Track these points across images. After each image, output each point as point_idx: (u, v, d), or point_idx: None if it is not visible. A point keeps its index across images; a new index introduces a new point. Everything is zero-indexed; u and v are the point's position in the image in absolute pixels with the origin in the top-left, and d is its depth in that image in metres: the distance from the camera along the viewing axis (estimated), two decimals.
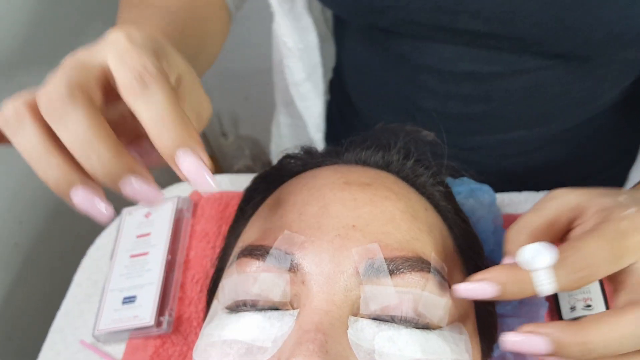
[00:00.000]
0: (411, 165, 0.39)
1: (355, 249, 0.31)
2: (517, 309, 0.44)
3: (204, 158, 0.27)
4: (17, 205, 0.76)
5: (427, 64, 0.51)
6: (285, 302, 0.31)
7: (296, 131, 0.69)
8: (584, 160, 0.58)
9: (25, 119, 0.27)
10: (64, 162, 0.27)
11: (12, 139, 0.28)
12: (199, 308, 0.55)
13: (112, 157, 0.26)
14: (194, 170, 0.26)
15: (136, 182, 0.27)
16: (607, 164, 0.60)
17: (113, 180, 0.27)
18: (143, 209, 0.62)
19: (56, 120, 0.26)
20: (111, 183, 0.27)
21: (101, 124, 0.26)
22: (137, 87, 0.26)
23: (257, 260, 0.32)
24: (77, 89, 0.26)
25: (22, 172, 0.77)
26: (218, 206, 0.61)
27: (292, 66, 0.61)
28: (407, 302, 0.30)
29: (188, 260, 0.58)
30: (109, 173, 0.26)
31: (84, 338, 0.56)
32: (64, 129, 0.26)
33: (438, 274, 0.31)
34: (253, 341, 0.30)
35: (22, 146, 0.27)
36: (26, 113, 0.27)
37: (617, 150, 0.59)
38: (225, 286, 0.33)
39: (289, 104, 0.66)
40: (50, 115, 0.26)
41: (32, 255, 0.79)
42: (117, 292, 0.56)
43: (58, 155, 0.27)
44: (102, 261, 0.61)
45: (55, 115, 0.26)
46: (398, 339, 0.29)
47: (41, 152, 0.27)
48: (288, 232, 0.32)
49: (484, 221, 0.48)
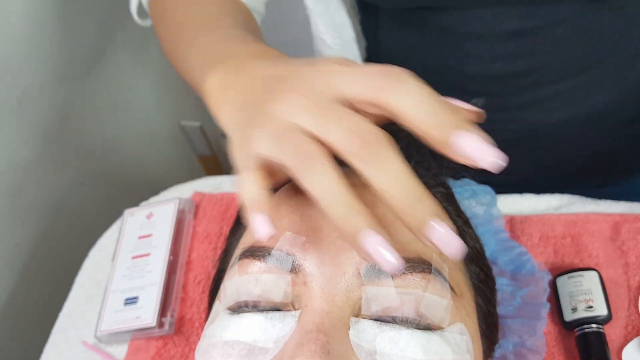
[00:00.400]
0: (412, 166, 0.39)
1: None
2: (518, 310, 0.44)
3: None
4: (18, 206, 0.76)
5: (471, 31, 0.53)
6: (286, 303, 0.31)
7: None
8: (627, 107, 0.58)
9: (320, 159, 0.26)
10: (360, 203, 0.26)
11: (303, 176, 0.26)
12: (200, 309, 0.55)
13: (425, 198, 0.25)
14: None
15: (439, 227, 0.25)
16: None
17: (419, 224, 0.25)
18: (144, 210, 0.62)
19: (370, 161, 0.25)
20: (417, 227, 0.25)
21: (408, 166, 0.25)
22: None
23: (259, 262, 0.32)
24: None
25: (23, 173, 0.77)
26: (219, 207, 0.61)
27: None
28: (408, 303, 0.30)
29: (190, 262, 0.58)
30: (417, 217, 0.25)
31: (87, 339, 0.56)
32: (380, 170, 0.25)
33: (439, 275, 0.32)
34: (255, 342, 0.30)
35: (317, 186, 0.26)
36: (320, 152, 0.26)
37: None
38: (227, 287, 0.33)
39: None
40: (363, 157, 0.25)
41: (34, 256, 0.79)
42: (119, 293, 0.56)
43: (355, 196, 0.26)
44: (104, 262, 0.61)
45: (371, 157, 0.25)
46: (399, 339, 0.29)
47: (339, 193, 0.26)
48: (289, 233, 0.32)
49: (485, 222, 0.48)
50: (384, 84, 0.26)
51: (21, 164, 0.77)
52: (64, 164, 0.84)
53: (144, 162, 1.05)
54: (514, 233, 0.54)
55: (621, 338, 0.47)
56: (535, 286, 0.45)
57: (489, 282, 0.39)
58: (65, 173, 0.85)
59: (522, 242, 0.53)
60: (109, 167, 0.95)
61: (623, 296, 0.49)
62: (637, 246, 0.51)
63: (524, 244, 0.53)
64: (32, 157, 0.78)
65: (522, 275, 0.46)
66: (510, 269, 0.47)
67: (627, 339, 0.47)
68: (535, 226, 0.54)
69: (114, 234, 0.63)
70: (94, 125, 0.91)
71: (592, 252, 0.51)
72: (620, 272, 0.50)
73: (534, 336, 0.43)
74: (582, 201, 0.56)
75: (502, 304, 0.45)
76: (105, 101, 0.93)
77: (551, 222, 0.54)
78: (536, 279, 0.45)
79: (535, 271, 0.45)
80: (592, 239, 0.52)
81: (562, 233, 0.53)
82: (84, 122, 0.89)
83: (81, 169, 0.88)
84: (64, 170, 0.84)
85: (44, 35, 0.79)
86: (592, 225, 0.53)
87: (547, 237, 0.53)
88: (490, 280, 0.39)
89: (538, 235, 0.53)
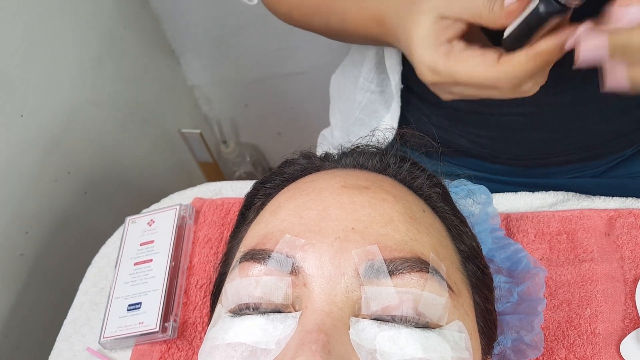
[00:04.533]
0: (408, 167, 0.40)
1: (355, 250, 0.31)
2: (516, 306, 0.45)
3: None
4: (22, 215, 0.77)
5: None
6: (287, 305, 0.31)
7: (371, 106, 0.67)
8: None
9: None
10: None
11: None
12: (203, 313, 0.55)
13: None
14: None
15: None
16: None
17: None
18: (146, 217, 0.62)
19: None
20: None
21: None
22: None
23: (259, 264, 0.32)
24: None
25: (26, 182, 0.78)
26: (220, 212, 0.62)
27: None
28: (407, 302, 0.31)
29: (191, 266, 0.59)
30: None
31: (91, 345, 0.57)
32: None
33: (437, 274, 0.32)
34: (256, 343, 0.30)
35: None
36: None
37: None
38: (228, 290, 0.34)
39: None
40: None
41: (38, 265, 0.80)
42: (122, 300, 0.56)
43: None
44: (107, 269, 0.62)
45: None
46: (399, 338, 0.30)
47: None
48: (289, 235, 0.32)
49: (482, 221, 0.48)
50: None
51: (24, 173, 0.77)
52: (66, 174, 0.85)
53: (145, 169, 1.06)
54: (510, 230, 0.55)
55: (619, 331, 0.48)
56: (532, 282, 0.45)
57: (487, 280, 0.39)
58: (68, 182, 0.85)
59: (518, 239, 0.54)
60: (111, 175, 0.95)
61: (619, 290, 0.50)
62: (632, 240, 0.52)
63: (520, 241, 0.54)
64: (35, 166, 0.79)
65: (519, 272, 0.46)
66: (506, 266, 0.47)
67: (624, 332, 0.48)
68: (531, 223, 0.54)
69: (116, 242, 0.64)
70: (96, 134, 0.92)
71: (588, 247, 0.52)
72: (616, 266, 0.51)
73: (531, 332, 0.44)
74: (576, 198, 0.56)
75: (499, 300, 0.45)
76: (107, 110, 0.94)
77: (546, 219, 0.54)
78: (532, 275, 0.46)
79: (531, 267, 0.46)
80: (587, 234, 0.53)
81: (558, 229, 0.54)
82: (86, 131, 0.89)
83: (84, 178, 0.89)
84: (66, 180, 0.85)
85: (46, 45, 0.79)
86: (586, 221, 0.53)
87: (543, 233, 0.54)
88: (487, 278, 0.40)
89: (534, 232, 0.54)
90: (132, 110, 1.01)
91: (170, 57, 1.11)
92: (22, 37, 0.75)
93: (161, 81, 1.09)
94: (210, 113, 1.25)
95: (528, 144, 0.58)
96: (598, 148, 0.58)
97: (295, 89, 1.15)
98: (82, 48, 0.87)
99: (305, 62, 1.08)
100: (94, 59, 0.90)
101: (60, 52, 0.82)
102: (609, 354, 0.47)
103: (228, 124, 1.28)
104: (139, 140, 1.03)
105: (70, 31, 0.84)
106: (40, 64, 0.79)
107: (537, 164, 0.60)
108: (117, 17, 0.94)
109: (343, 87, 0.69)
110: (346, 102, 0.68)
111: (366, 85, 0.64)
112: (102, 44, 0.91)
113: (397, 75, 0.59)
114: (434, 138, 0.43)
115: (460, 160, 0.62)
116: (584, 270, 0.51)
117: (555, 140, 0.57)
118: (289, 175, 0.41)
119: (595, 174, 0.61)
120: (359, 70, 0.64)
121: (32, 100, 0.78)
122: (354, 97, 0.66)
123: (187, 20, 1.06)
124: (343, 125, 0.69)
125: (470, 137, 0.60)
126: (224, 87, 1.19)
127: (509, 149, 0.59)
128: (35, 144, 0.79)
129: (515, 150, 0.59)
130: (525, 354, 0.44)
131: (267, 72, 1.13)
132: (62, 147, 0.84)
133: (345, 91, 0.68)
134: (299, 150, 0.44)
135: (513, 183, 0.61)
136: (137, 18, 1.00)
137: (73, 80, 0.86)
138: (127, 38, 0.97)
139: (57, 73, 0.82)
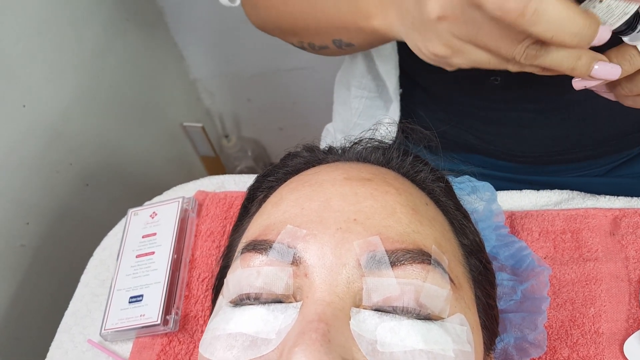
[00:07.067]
0: (411, 161, 0.40)
1: (356, 241, 0.31)
2: (519, 304, 0.45)
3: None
4: (23, 206, 0.77)
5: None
6: (288, 295, 0.31)
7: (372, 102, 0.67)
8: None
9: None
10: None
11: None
12: (205, 306, 0.55)
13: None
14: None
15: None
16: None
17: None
18: (148, 209, 0.62)
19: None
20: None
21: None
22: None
23: (261, 255, 0.32)
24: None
25: (27, 174, 0.78)
26: (222, 206, 0.62)
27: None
28: (408, 293, 0.30)
29: (193, 260, 0.59)
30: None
31: (92, 337, 0.56)
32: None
33: (439, 266, 0.32)
34: (257, 333, 0.30)
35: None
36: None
37: None
38: (230, 281, 0.34)
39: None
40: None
41: (39, 256, 0.80)
42: (123, 292, 0.56)
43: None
44: (108, 261, 0.62)
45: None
46: (400, 329, 0.30)
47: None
48: (290, 226, 0.32)
49: (486, 218, 0.48)
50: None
51: (26, 164, 0.77)
52: (68, 165, 0.85)
53: (147, 162, 1.06)
54: (514, 228, 0.54)
55: (622, 331, 0.47)
56: (536, 280, 0.45)
57: (489, 276, 0.39)
58: (69, 174, 0.85)
59: (523, 237, 0.53)
60: (112, 167, 0.95)
61: (624, 290, 0.49)
62: (637, 240, 0.51)
63: (524, 239, 0.53)
64: (36, 157, 0.79)
65: (523, 270, 0.46)
66: (510, 264, 0.47)
67: (628, 332, 0.47)
68: (535, 221, 0.54)
69: (118, 234, 0.63)
70: (98, 126, 0.92)
71: (592, 246, 0.52)
72: (621, 266, 0.50)
73: (535, 330, 0.44)
74: (581, 196, 0.56)
75: (503, 298, 0.45)
76: (109, 102, 0.94)
77: (551, 217, 0.54)
78: (537, 273, 0.45)
79: (535, 266, 0.46)
80: (591, 233, 0.52)
81: (562, 228, 0.53)
82: (88, 123, 0.89)
83: (85, 170, 0.89)
84: (68, 171, 0.85)
85: (47, 37, 0.79)
86: (591, 220, 0.53)
87: (547, 232, 0.53)
88: (489, 274, 0.39)
89: (538, 231, 0.54)
90: (134, 103, 1.01)
91: (172, 50, 1.11)
92: (25, 28, 0.75)
93: (163, 74, 1.09)
94: (213, 107, 1.25)
95: (535, 140, 0.58)
96: (606, 145, 0.58)
97: (298, 84, 1.14)
98: (84, 40, 0.87)
99: (308, 57, 1.07)
100: (97, 51, 0.90)
101: (63, 44, 0.82)
102: (612, 353, 0.46)
103: (230, 118, 1.27)
104: (141, 133, 1.03)
105: (72, 22, 0.84)
106: (42, 55, 0.79)
107: (544, 161, 0.60)
108: (120, 8, 0.94)
109: (339, 94, 0.69)
110: (344, 107, 0.68)
111: (359, 92, 0.64)
112: (104, 36, 0.91)
113: (394, 79, 0.58)
114: (436, 133, 0.43)
115: (465, 156, 0.62)
116: (588, 270, 0.50)
117: (562, 137, 0.57)
118: (292, 168, 0.41)
119: (600, 173, 0.61)
120: (351, 78, 0.64)
121: (35, 90, 0.78)
122: (350, 104, 0.65)
123: (190, 13, 1.05)
124: (344, 128, 0.69)
125: (477, 133, 0.59)
126: (226, 81, 1.18)
127: (516, 146, 0.59)
128: (37, 135, 0.79)
129: (521, 147, 0.59)
130: (528, 353, 0.44)
131: (270, 66, 1.13)
132: (64, 138, 0.84)
133: (341, 97, 0.68)
134: (302, 143, 0.44)
135: (518, 180, 0.61)
136: (139, 10, 0.99)
137: (75, 72, 0.85)
138: (130, 30, 0.97)
139: (59, 64, 0.82)
